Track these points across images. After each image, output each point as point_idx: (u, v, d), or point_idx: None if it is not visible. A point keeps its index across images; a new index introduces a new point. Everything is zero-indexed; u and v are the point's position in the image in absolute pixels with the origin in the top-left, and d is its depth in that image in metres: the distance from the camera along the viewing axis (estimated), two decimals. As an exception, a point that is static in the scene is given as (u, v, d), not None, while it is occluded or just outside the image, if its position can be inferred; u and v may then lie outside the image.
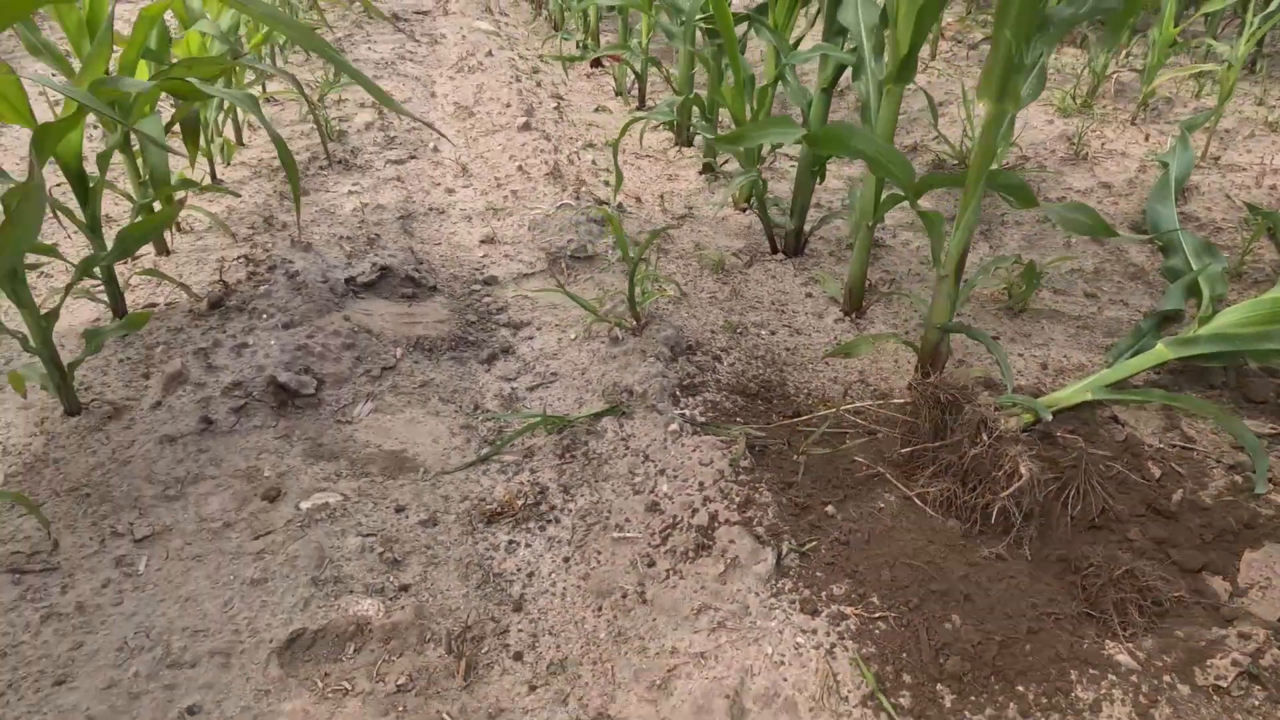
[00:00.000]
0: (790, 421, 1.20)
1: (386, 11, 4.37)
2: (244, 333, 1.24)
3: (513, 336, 1.39)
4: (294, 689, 0.81)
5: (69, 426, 1.10)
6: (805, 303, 1.58)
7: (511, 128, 2.35)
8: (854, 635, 0.86)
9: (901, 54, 1.25)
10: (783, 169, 2.22)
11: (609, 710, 0.81)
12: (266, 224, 1.69)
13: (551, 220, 1.75)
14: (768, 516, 0.97)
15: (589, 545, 1.00)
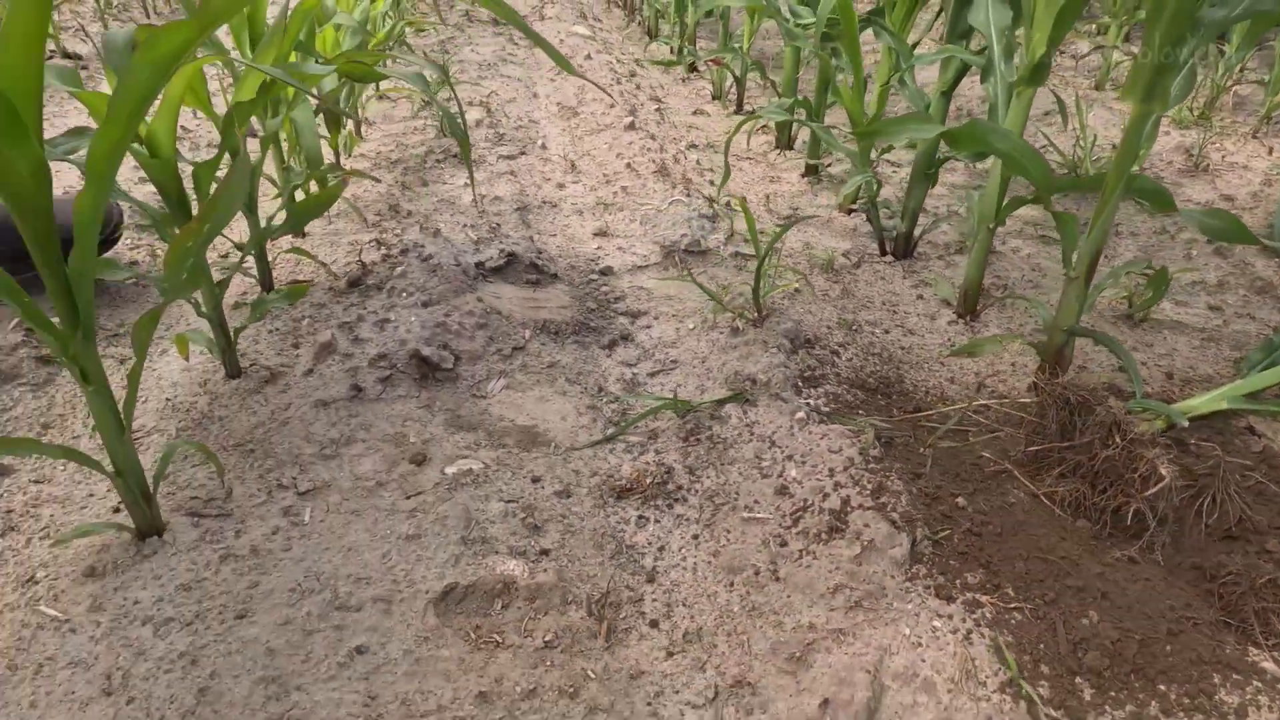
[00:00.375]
0: (912, 416, 1.21)
1: (485, 16, 4.50)
2: (385, 309, 1.31)
3: (631, 324, 1.43)
4: (450, 638, 0.86)
5: (230, 388, 1.18)
6: (916, 304, 1.58)
7: (617, 127, 2.40)
8: (990, 623, 0.87)
9: (1036, 55, 1.25)
10: (883, 174, 2.22)
11: (747, 678, 0.84)
12: (393, 211, 1.77)
13: (663, 215, 1.79)
14: (901, 504, 0.98)
15: (718, 524, 1.03)
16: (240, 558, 0.91)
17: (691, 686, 0.83)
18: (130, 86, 0.67)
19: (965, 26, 1.50)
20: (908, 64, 1.54)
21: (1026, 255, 1.79)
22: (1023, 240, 1.87)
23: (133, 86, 0.67)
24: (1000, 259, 1.77)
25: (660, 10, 4.23)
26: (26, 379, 1.15)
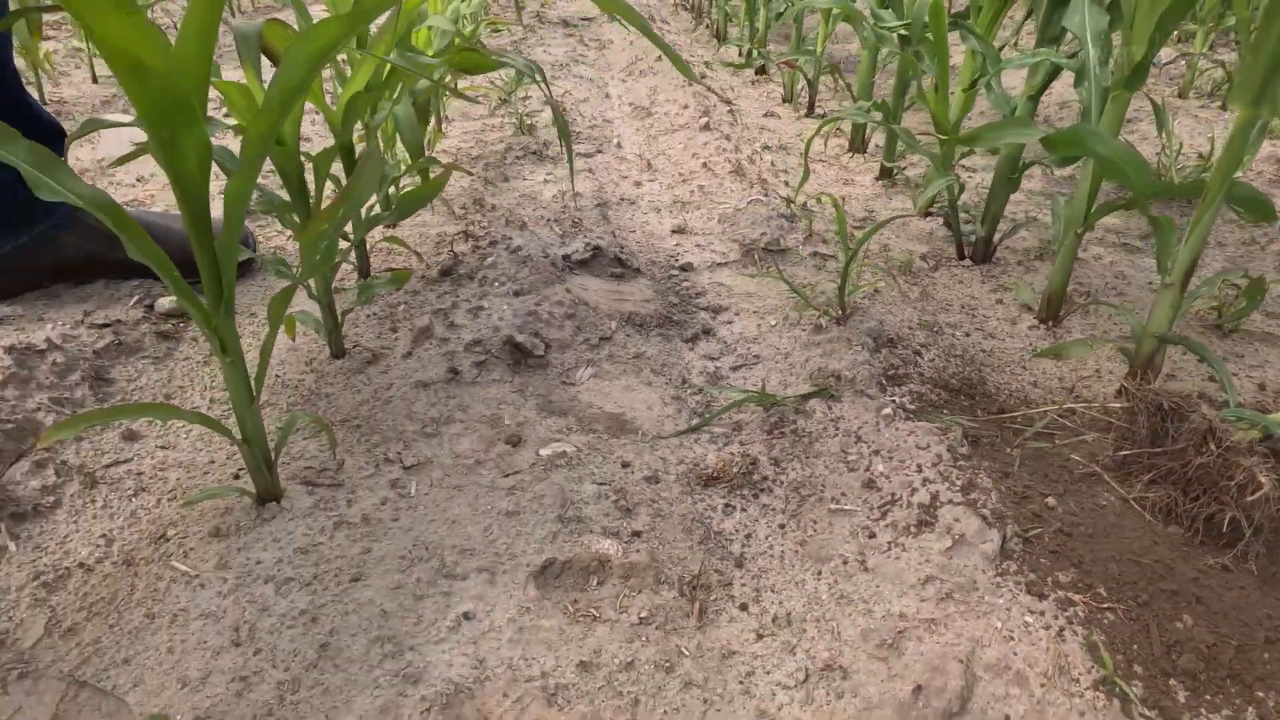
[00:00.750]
0: (997, 417, 1.21)
1: (555, 18, 4.57)
2: (478, 298, 1.36)
3: (712, 319, 1.46)
4: (549, 609, 0.89)
5: (335, 368, 1.24)
6: (996, 309, 1.58)
7: (691, 127, 2.43)
8: (1082, 622, 0.88)
9: (1135, 59, 1.24)
10: (960, 178, 2.21)
11: (838, 662, 0.85)
12: (477, 205, 1.82)
13: (741, 214, 1.81)
14: (990, 501, 0.99)
15: (804, 515, 1.05)
16: (353, 525, 0.96)
17: (782, 668, 0.86)
18: (286, 78, 0.72)
19: (1057, 30, 1.50)
20: (995, 68, 1.54)
21: (1110, 263, 1.77)
22: (1105, 248, 1.85)
23: (289, 78, 0.72)
24: (1083, 266, 1.75)
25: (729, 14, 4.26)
26: (149, 353, 1.23)
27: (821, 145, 2.48)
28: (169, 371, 1.20)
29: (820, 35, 2.74)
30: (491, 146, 2.30)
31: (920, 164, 2.31)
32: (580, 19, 4.58)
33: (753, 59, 3.43)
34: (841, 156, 2.43)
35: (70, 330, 1.19)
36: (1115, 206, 1.32)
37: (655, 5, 5.41)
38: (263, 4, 4.89)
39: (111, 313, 1.26)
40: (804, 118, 2.86)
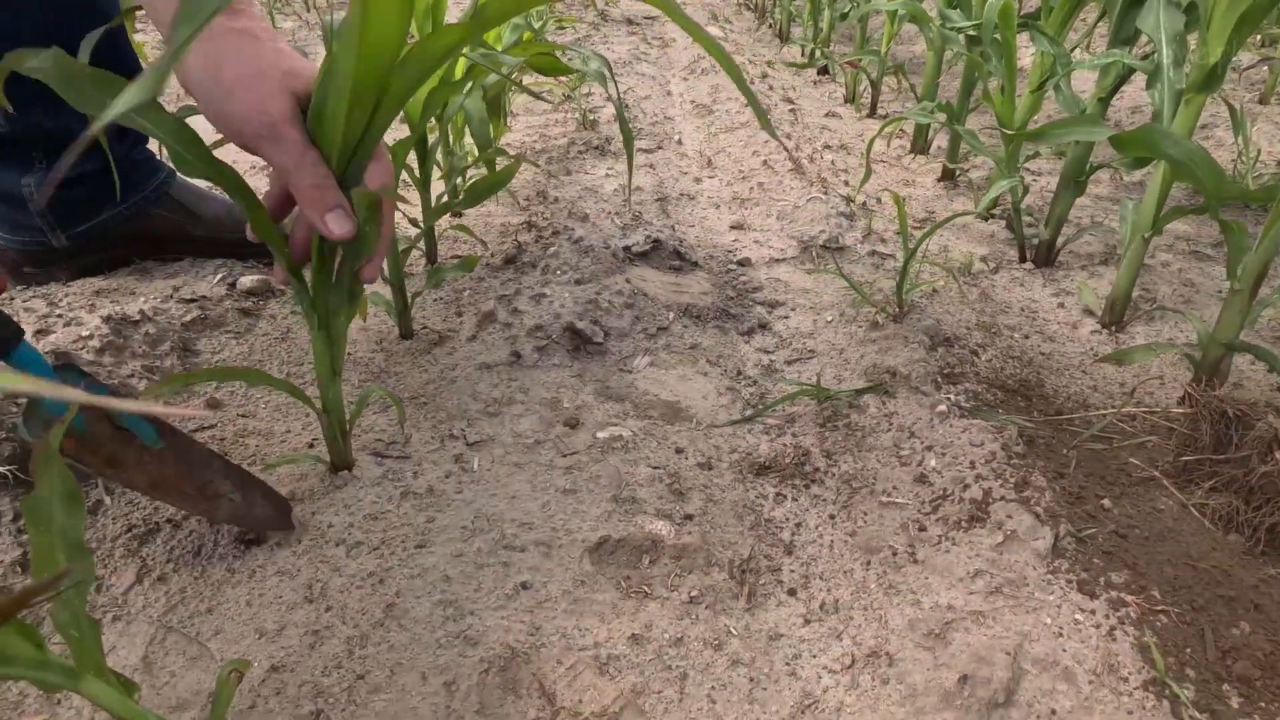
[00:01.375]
0: (1054, 418, 1.21)
1: (619, 16, 4.62)
2: (540, 285, 1.40)
3: (769, 314, 1.47)
4: (603, 584, 0.92)
5: (403, 348, 1.29)
6: (1057, 312, 1.56)
7: (752, 125, 2.45)
8: (1134, 622, 0.87)
9: (1211, 62, 1.22)
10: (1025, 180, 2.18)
11: (884, 649, 0.87)
12: (540, 197, 1.87)
13: (800, 212, 1.82)
14: (1044, 499, 0.99)
15: (854, 506, 1.06)
16: (419, 495, 1.01)
17: (829, 653, 0.87)
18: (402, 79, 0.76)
19: (1130, 31, 1.48)
20: (1065, 69, 1.53)
21: (1177, 270, 1.73)
22: (1173, 254, 1.81)
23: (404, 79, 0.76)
24: (1149, 272, 1.72)
25: (793, 13, 4.25)
26: (231, 328, 1.30)
27: (883, 146, 2.47)
28: (249, 345, 1.27)
29: (885, 35, 2.73)
30: (555, 141, 2.34)
31: (983, 166, 2.29)
32: (644, 17, 4.61)
33: (815, 59, 3.42)
34: (903, 158, 2.42)
35: (160, 304, 1.27)
36: (1185, 211, 1.30)
37: (718, 4, 5.42)
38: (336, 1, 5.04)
39: (198, 289, 1.33)
40: (866, 118, 2.85)
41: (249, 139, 0.71)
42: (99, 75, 0.67)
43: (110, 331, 1.15)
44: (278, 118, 0.70)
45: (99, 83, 0.67)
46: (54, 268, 1.38)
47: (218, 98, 0.71)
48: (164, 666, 0.81)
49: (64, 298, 1.29)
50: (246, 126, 0.70)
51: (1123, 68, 1.49)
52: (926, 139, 2.41)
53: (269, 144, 0.71)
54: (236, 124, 0.71)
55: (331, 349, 0.87)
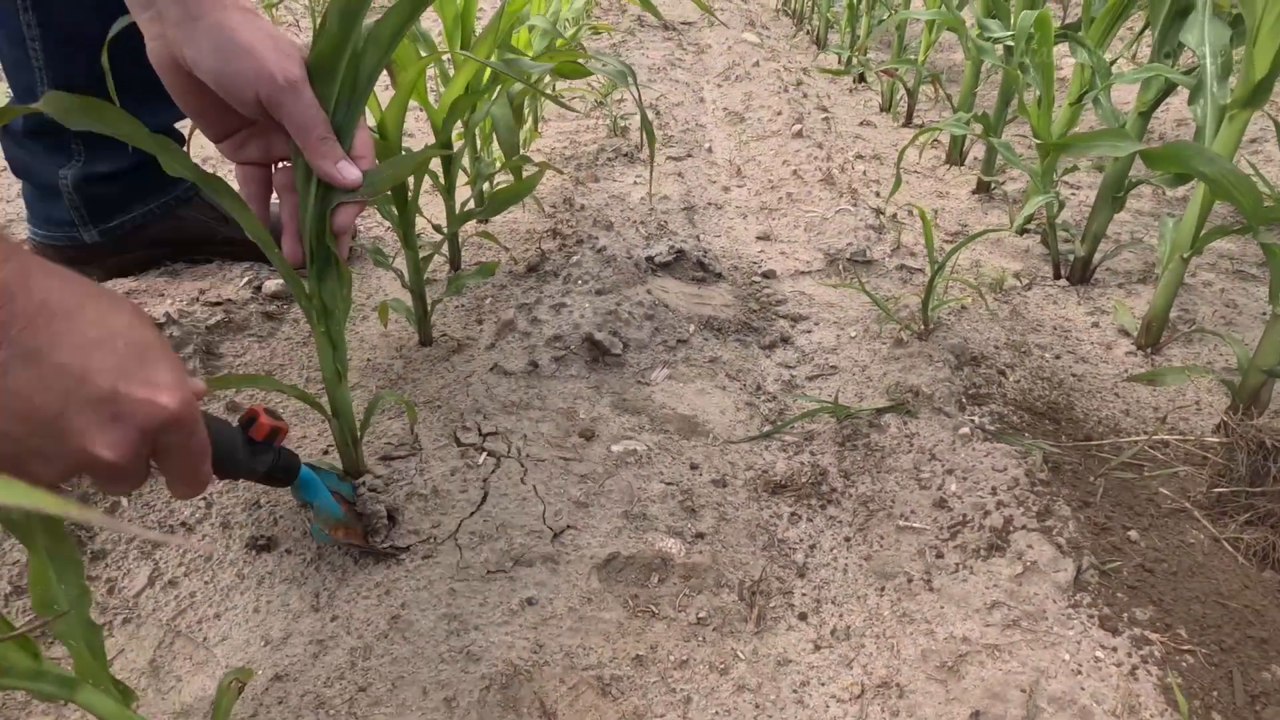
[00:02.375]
0: (1082, 444, 1.17)
1: (655, 22, 4.61)
2: (561, 295, 1.40)
3: (791, 328, 1.45)
4: (610, 602, 0.91)
5: (422, 354, 1.29)
6: (1091, 332, 1.52)
7: (784, 134, 2.42)
8: (1158, 662, 0.84)
9: (1257, 77, 1.18)
10: (1062, 195, 2.13)
11: (895, 680, 0.85)
12: (567, 204, 1.86)
13: (828, 223, 1.80)
14: (1068, 529, 0.96)
15: (871, 530, 1.04)
16: (424, 497, 1.00)
17: (838, 681, 0.85)
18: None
19: (1174, 44, 1.43)
20: (1105, 82, 1.48)
21: (1220, 290, 1.68)
22: (1216, 274, 1.75)
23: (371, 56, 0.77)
24: (1189, 292, 1.66)
25: (830, 20, 4.21)
26: (255, 331, 1.31)
27: (917, 156, 2.43)
28: (271, 350, 1.28)
29: (923, 44, 2.69)
30: (584, 148, 2.34)
31: (1020, 179, 2.24)
32: (681, 23, 4.60)
33: (852, 67, 3.38)
34: (938, 168, 2.38)
35: (186, 306, 1.28)
36: (1227, 231, 1.25)
37: (756, 11, 5.39)
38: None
39: (224, 292, 1.35)
40: (901, 127, 2.81)
41: (269, 93, 0.72)
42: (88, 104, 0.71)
43: (135, 333, 1.17)
44: (298, 76, 0.73)
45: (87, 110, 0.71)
46: (86, 267, 1.40)
47: (233, 56, 0.71)
48: (170, 671, 0.82)
49: (94, 298, 1.31)
50: (267, 82, 0.71)
51: (1165, 81, 1.45)
52: (962, 150, 2.36)
53: (291, 98, 0.72)
54: (253, 81, 0.72)
55: (334, 349, 0.87)
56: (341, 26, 0.73)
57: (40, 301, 0.51)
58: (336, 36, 0.73)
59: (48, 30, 1.21)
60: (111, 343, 0.54)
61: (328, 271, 0.83)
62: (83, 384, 0.53)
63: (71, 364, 0.52)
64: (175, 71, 0.74)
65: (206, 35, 0.71)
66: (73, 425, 0.53)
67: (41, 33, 1.21)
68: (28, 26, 1.20)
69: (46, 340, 0.51)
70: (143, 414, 0.56)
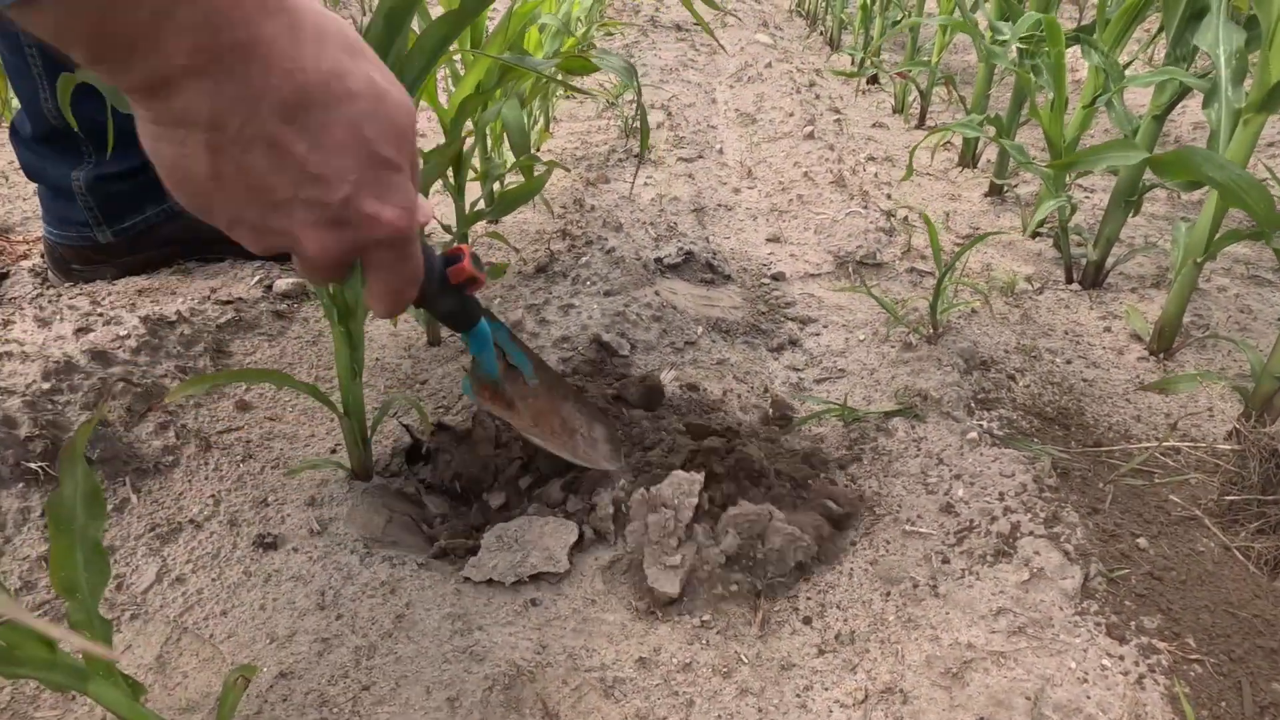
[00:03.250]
0: (1092, 450, 1.16)
1: (668, 22, 4.61)
2: (569, 295, 1.40)
3: (800, 331, 1.45)
4: (614, 605, 0.91)
5: (430, 354, 1.30)
6: (1103, 337, 1.51)
7: (795, 136, 2.42)
8: (1165, 671, 0.83)
9: (1272, 80, 1.16)
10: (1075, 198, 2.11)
11: (899, 685, 0.84)
12: (577, 205, 1.87)
13: (838, 225, 1.79)
14: (1075, 536, 0.95)
15: (876, 534, 1.03)
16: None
17: (841, 686, 0.85)
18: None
19: (1188, 48, 1.42)
20: (1118, 85, 1.47)
21: (1234, 295, 1.66)
22: (1230, 279, 1.73)
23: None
24: (1203, 297, 1.65)
25: (843, 22, 4.19)
26: (265, 330, 1.32)
27: (930, 158, 2.42)
28: (281, 349, 1.29)
29: (936, 45, 2.68)
30: (595, 148, 2.34)
31: (1033, 182, 2.23)
32: (692, 24, 4.60)
33: (865, 68, 3.37)
34: (950, 171, 2.37)
35: (198, 305, 1.29)
36: (1241, 236, 1.24)
37: (770, 12, 5.38)
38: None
39: (235, 290, 1.36)
40: (914, 129, 2.80)
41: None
42: None
43: (147, 332, 1.18)
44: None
45: None
46: (101, 266, 1.42)
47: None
48: (177, 667, 0.83)
49: (107, 296, 1.33)
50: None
51: (1179, 85, 1.44)
52: (975, 152, 2.35)
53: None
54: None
55: (351, 348, 0.88)
56: (387, 28, 0.74)
57: (301, 85, 0.48)
58: (382, 37, 0.75)
59: None
60: (359, 150, 0.52)
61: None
62: (317, 183, 0.51)
63: (312, 162, 0.50)
64: None
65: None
66: (294, 216, 0.52)
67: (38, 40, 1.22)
68: (23, 34, 1.21)
69: (298, 130, 0.49)
70: (365, 228, 0.55)
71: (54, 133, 1.29)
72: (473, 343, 0.88)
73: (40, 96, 1.26)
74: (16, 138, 1.33)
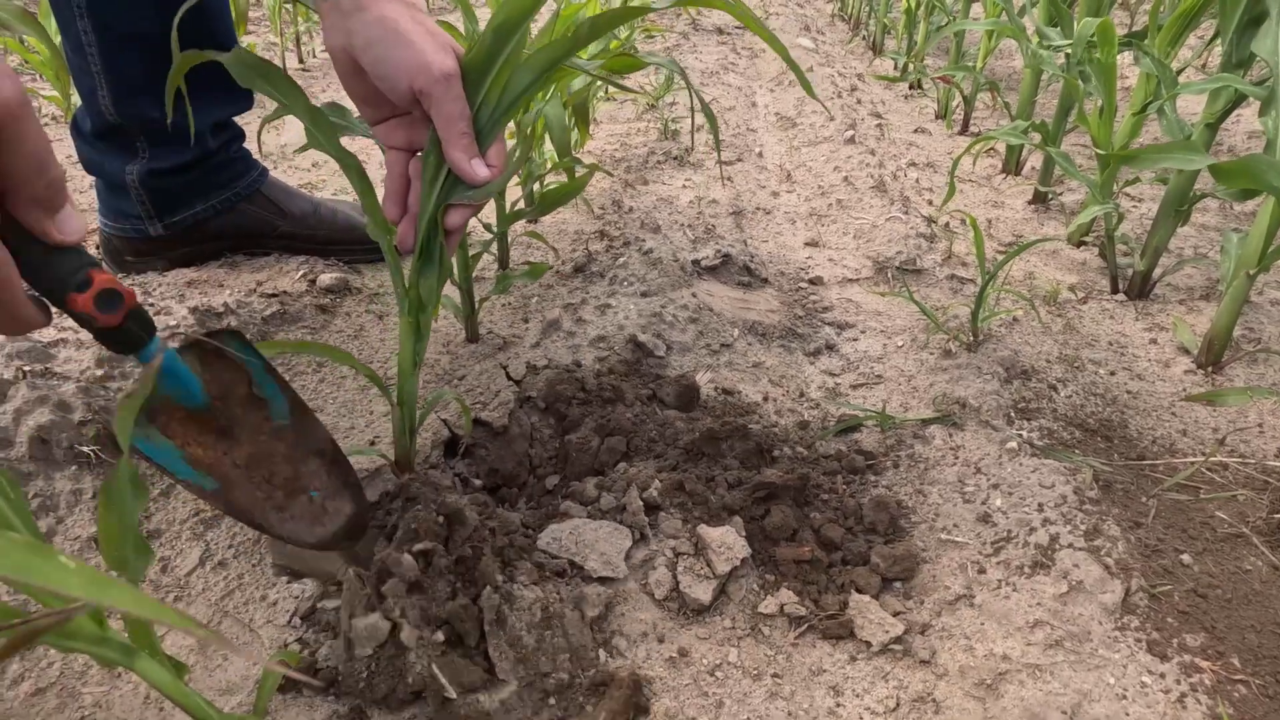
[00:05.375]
0: (1135, 463, 1.14)
1: (709, 26, 4.61)
2: (606, 296, 1.40)
3: (837, 335, 1.44)
4: (645, 603, 0.92)
5: (468, 351, 1.31)
6: (1149, 349, 1.48)
7: (835, 140, 2.40)
8: (1208, 691, 0.81)
9: (1333, 89, 1.13)
10: (1122, 207, 2.07)
11: (932, 695, 0.83)
12: (615, 206, 1.88)
13: (878, 231, 1.78)
14: (1117, 550, 0.94)
15: (911, 542, 1.02)
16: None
17: (873, 693, 0.84)
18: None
19: (1245, 54, 1.39)
20: (1171, 92, 1.44)
21: (1288, 309, 1.62)
22: (1284, 292, 1.69)
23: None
24: (1255, 310, 1.61)
25: (887, 26, 4.16)
26: (308, 323, 1.35)
27: (972, 165, 2.39)
28: (323, 342, 1.31)
29: (981, 51, 2.64)
30: (635, 150, 2.35)
31: (1078, 191, 2.19)
32: (734, 27, 4.60)
33: (908, 73, 3.34)
34: (993, 178, 2.34)
35: (244, 297, 1.32)
36: (1296, 248, 1.21)
37: (812, 16, 5.35)
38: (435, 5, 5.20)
39: (280, 284, 1.39)
40: (957, 135, 2.76)
41: (423, 83, 0.75)
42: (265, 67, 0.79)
43: (196, 322, 1.21)
44: (453, 71, 0.75)
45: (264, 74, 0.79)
46: (152, 258, 1.46)
47: (394, 45, 0.75)
48: (217, 650, 0.85)
49: (158, 287, 1.36)
50: (422, 73, 0.74)
51: (1235, 93, 1.40)
52: (1018, 160, 2.32)
53: (443, 89, 0.75)
54: (410, 71, 0.75)
55: (416, 341, 0.89)
56: (495, 42, 0.76)
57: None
58: (489, 49, 0.76)
59: (102, 35, 1.26)
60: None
61: (430, 267, 0.85)
62: None
63: None
64: (344, 56, 0.79)
65: (372, 25, 0.75)
66: None
67: (97, 38, 1.26)
68: (84, 32, 1.25)
69: None
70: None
71: (111, 129, 1.33)
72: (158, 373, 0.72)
73: (99, 94, 1.30)
74: (77, 133, 1.38)
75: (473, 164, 0.77)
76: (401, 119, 0.84)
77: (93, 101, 1.32)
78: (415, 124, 0.83)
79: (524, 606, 0.82)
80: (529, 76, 0.77)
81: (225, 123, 1.44)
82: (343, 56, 0.79)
